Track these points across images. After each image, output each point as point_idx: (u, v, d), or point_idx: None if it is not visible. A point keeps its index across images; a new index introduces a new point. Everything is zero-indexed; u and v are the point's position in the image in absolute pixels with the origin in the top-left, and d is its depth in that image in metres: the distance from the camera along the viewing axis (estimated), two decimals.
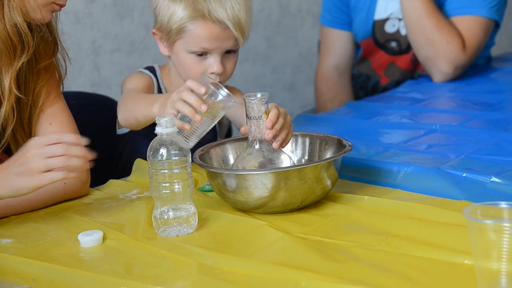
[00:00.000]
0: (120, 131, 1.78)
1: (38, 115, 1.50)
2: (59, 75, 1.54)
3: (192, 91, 1.45)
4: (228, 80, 1.77)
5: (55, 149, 1.26)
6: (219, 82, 1.67)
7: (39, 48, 1.48)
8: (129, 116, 1.64)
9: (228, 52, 1.70)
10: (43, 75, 1.51)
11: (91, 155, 1.28)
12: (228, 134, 1.90)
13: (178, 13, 1.66)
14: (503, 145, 1.61)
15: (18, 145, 1.47)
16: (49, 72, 1.52)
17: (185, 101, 1.44)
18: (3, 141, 1.45)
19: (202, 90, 1.45)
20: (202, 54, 1.68)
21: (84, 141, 1.28)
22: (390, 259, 1.12)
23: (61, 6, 1.43)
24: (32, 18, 1.41)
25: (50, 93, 1.52)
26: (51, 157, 1.25)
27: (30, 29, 1.42)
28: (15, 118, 1.46)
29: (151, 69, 1.80)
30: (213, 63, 1.67)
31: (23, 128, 1.49)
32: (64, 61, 1.54)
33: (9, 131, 1.45)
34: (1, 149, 1.46)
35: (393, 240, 1.18)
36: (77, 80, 2.77)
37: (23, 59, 1.42)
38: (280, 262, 1.13)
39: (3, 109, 1.43)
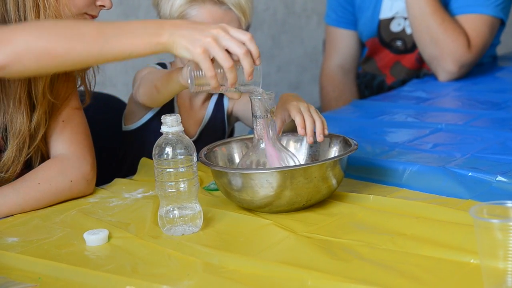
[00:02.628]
0: (126, 128, 1.78)
1: (53, 112, 1.50)
2: (85, 85, 1.55)
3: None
4: None
5: (232, 42, 1.24)
6: None
7: None
8: (150, 87, 1.60)
9: None
10: (73, 81, 1.52)
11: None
12: (231, 134, 1.90)
13: (177, 1, 1.67)
14: (509, 144, 1.61)
15: (40, 153, 1.48)
16: (74, 81, 1.53)
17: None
18: (33, 145, 1.46)
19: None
20: None
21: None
22: (396, 258, 1.12)
23: (93, 17, 1.45)
24: None
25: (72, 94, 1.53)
26: (224, 48, 1.23)
27: None
28: (47, 123, 1.47)
29: (163, 65, 1.81)
30: None
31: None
32: (93, 70, 1.55)
33: (40, 136, 1.46)
34: (29, 155, 1.46)
35: (398, 239, 1.18)
36: None
37: None
38: (285, 261, 1.13)
39: (36, 113, 1.44)
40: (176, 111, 1.76)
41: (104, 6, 1.45)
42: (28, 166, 1.49)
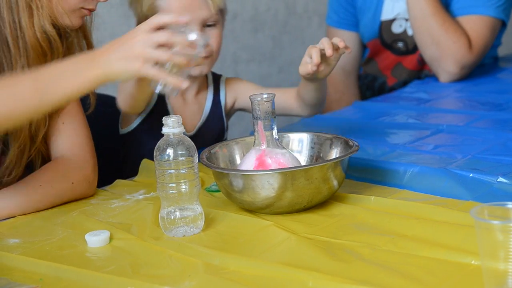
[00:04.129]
0: (122, 131, 1.79)
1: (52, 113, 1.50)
2: None
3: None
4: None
5: (160, 36, 1.22)
6: (206, 56, 1.69)
7: (71, 54, 1.48)
8: (125, 94, 1.60)
9: (207, 26, 1.71)
10: None
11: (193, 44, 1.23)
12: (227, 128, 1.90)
13: None
14: (510, 145, 1.61)
15: (41, 155, 1.48)
16: None
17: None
18: (34, 147, 1.46)
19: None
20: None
21: (183, 19, 1.24)
22: (397, 259, 1.12)
23: (91, 10, 1.44)
24: (61, 24, 1.41)
25: None
26: (158, 47, 1.22)
27: (59, 35, 1.43)
28: (47, 124, 1.46)
29: None
30: None
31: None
32: None
33: (40, 138, 1.46)
34: (30, 157, 1.46)
35: (399, 240, 1.18)
36: None
37: None
38: (286, 262, 1.13)
39: None
40: (169, 108, 1.76)
41: None
42: (29, 168, 1.49)
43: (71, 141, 1.51)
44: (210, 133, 1.80)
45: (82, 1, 1.42)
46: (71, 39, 1.47)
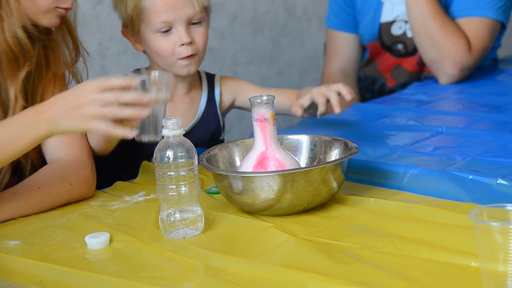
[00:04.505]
0: None
1: None
2: (72, 73, 1.54)
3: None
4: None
5: (109, 96, 1.23)
6: (192, 54, 1.71)
7: (48, 56, 1.48)
8: (97, 140, 1.58)
9: (193, 24, 1.71)
10: (59, 82, 1.51)
11: (144, 100, 1.24)
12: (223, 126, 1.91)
13: None
14: (509, 147, 1.61)
15: (30, 159, 1.48)
16: (63, 78, 1.52)
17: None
18: None
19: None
20: (167, 30, 1.69)
21: (135, 82, 1.25)
22: (396, 261, 1.12)
23: (67, 9, 1.43)
24: (38, 24, 1.41)
25: (64, 87, 1.53)
26: (106, 104, 1.23)
27: (31, 39, 1.42)
28: None
29: (137, 71, 1.82)
30: (179, 35, 1.69)
31: None
32: (85, 63, 1.55)
33: None
34: (15, 164, 1.46)
35: (399, 242, 1.18)
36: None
37: (26, 69, 1.42)
38: (286, 264, 1.13)
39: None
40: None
41: None
42: (18, 173, 1.48)
43: (66, 144, 1.50)
44: (205, 131, 1.81)
45: (55, 1, 1.41)
46: (44, 42, 1.46)
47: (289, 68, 3.54)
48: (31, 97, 1.48)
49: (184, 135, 1.29)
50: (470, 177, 1.41)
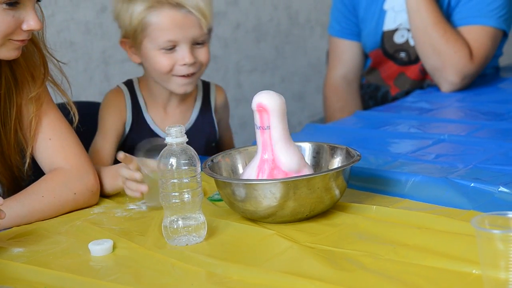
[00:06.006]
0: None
1: (35, 132, 1.48)
2: (55, 84, 1.52)
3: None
4: (236, 88, 1.79)
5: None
6: (193, 73, 1.70)
7: (17, 78, 1.46)
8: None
9: (197, 44, 1.71)
10: (35, 102, 1.48)
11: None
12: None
13: (136, 9, 1.69)
14: (511, 155, 1.61)
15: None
16: (38, 93, 1.48)
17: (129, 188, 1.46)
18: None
19: (137, 176, 1.43)
20: (171, 48, 1.68)
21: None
22: (398, 269, 1.12)
23: (23, 41, 1.38)
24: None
25: (41, 106, 1.50)
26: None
27: None
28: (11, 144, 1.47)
29: (128, 82, 1.82)
30: (183, 54, 1.68)
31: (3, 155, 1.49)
32: (61, 70, 1.52)
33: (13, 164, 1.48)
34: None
35: (401, 249, 1.18)
36: (87, 89, 2.79)
37: None
38: (289, 271, 1.13)
39: None
40: (148, 121, 1.77)
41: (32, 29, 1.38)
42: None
43: (64, 153, 1.50)
44: (199, 137, 1.80)
45: (7, 36, 1.36)
46: (27, 52, 1.44)
47: (292, 76, 3.55)
48: (5, 121, 1.47)
49: None
50: (472, 184, 1.41)
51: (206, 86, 1.86)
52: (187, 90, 1.74)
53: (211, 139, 1.85)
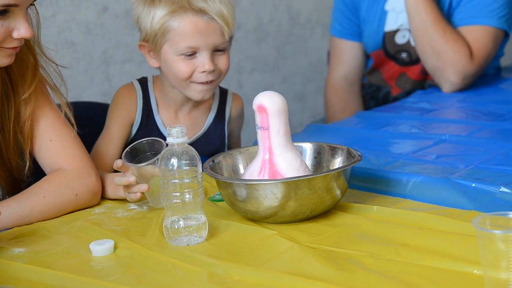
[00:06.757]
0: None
1: (35, 134, 1.48)
2: (50, 87, 1.51)
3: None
4: (237, 88, 1.79)
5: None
6: (212, 80, 1.68)
7: (25, 64, 1.45)
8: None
9: (217, 51, 1.69)
10: (30, 104, 1.48)
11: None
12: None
13: (158, 13, 1.65)
14: None
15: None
16: (34, 94, 1.48)
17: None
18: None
19: (131, 179, 1.43)
20: (191, 54, 1.66)
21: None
22: (399, 269, 1.12)
23: (14, 48, 1.38)
24: None
25: (40, 108, 1.49)
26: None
27: None
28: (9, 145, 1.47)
29: (143, 80, 1.80)
30: (203, 61, 1.65)
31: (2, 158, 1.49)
32: (58, 73, 1.51)
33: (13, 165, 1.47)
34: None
35: (402, 249, 1.18)
36: (88, 90, 2.79)
37: None
38: (290, 271, 1.13)
39: None
40: (158, 123, 1.76)
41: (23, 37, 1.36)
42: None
43: (65, 154, 1.50)
44: (208, 145, 1.78)
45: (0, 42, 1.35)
46: (19, 52, 1.42)
47: (293, 76, 3.55)
48: (3, 123, 1.46)
49: None
50: (473, 185, 1.41)
51: (223, 94, 1.83)
52: (204, 97, 1.71)
53: (218, 151, 1.83)
